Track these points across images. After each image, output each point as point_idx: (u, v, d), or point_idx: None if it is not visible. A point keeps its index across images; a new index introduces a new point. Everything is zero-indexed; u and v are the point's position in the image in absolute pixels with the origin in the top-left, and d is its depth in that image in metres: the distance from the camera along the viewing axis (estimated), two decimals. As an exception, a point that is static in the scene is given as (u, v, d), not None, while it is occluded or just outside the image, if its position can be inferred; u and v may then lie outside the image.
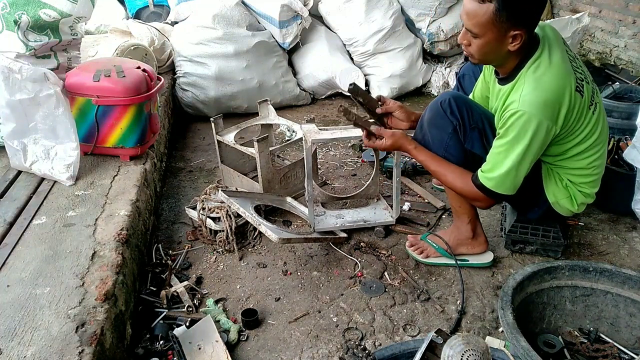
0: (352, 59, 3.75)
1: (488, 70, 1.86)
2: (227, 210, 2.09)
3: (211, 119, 2.46)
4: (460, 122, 1.75)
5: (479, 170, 1.69)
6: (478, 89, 1.96)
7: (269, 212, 2.36)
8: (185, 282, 1.86)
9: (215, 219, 2.11)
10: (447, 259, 1.97)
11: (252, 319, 1.69)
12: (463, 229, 1.94)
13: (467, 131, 1.75)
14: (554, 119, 1.57)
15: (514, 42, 1.53)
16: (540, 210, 1.86)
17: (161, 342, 1.59)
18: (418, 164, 2.65)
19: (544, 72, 1.57)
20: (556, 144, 1.68)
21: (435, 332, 1.24)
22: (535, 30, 1.61)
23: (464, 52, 1.68)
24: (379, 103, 1.96)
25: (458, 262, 1.94)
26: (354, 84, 1.86)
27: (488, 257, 1.96)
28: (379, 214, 2.24)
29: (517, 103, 1.55)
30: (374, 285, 1.87)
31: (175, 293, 1.80)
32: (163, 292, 1.78)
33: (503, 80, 1.70)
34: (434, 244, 1.99)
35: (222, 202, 2.14)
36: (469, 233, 1.94)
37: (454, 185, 1.77)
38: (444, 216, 2.34)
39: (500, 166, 1.62)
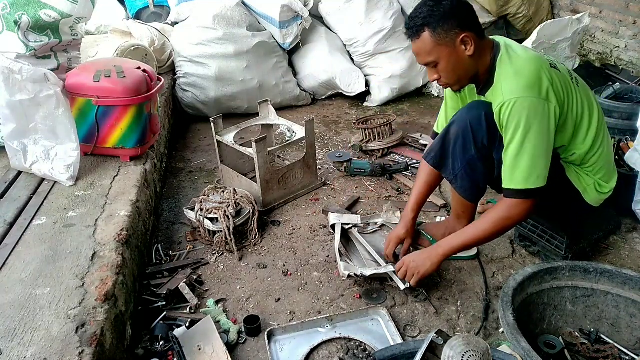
0: (352, 59, 3.76)
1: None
2: (225, 211, 2.09)
3: (211, 119, 2.46)
4: (487, 143, 1.70)
5: (503, 185, 1.62)
6: (451, 102, 1.92)
7: (266, 213, 2.36)
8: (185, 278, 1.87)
9: (213, 220, 2.11)
10: None
11: (254, 327, 1.68)
12: (459, 228, 1.92)
13: (495, 144, 1.71)
14: (543, 96, 1.55)
15: (467, 46, 1.59)
16: (571, 201, 1.81)
17: (161, 343, 1.59)
18: (386, 164, 2.72)
19: (515, 61, 1.60)
20: (561, 130, 1.65)
21: (435, 333, 1.23)
22: (492, 40, 1.68)
23: (443, 88, 1.78)
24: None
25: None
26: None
27: (473, 251, 2.03)
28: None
29: (502, 97, 1.57)
30: (375, 294, 1.86)
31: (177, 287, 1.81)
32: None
33: (483, 90, 1.73)
34: (427, 236, 2.04)
35: (220, 202, 2.14)
36: None
37: (497, 225, 1.66)
38: (444, 217, 2.33)
39: (520, 161, 1.56)
